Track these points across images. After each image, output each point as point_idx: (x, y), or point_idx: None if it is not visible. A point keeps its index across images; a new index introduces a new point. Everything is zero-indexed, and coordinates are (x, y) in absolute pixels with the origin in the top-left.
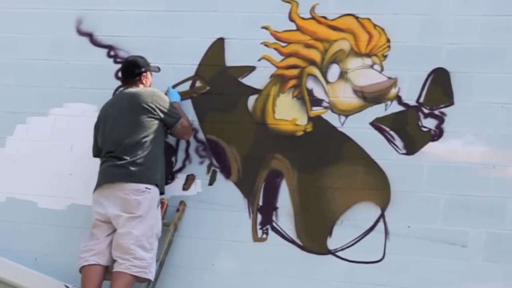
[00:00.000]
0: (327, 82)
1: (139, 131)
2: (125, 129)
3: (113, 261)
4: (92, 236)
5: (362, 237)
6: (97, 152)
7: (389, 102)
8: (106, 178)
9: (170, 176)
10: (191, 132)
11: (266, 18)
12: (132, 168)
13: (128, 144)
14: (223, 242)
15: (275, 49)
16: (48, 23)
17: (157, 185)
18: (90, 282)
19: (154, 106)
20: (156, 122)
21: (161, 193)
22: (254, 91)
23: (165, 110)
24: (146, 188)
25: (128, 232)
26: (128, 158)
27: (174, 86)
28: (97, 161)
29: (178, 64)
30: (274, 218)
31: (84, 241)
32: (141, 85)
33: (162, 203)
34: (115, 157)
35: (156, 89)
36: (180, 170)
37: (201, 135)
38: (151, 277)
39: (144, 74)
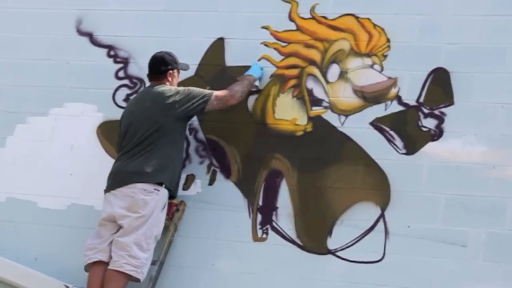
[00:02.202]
0: (327, 82)
1: (157, 132)
2: (143, 129)
3: None
4: (98, 235)
5: (362, 237)
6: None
7: (389, 102)
8: (118, 180)
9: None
10: (231, 98)
11: (266, 18)
12: (143, 168)
13: (143, 144)
14: (223, 242)
15: (275, 49)
16: (48, 23)
17: (166, 187)
18: (95, 279)
19: (176, 105)
20: (179, 123)
21: (173, 197)
22: (254, 91)
23: (189, 103)
24: (155, 189)
25: (130, 230)
26: (141, 158)
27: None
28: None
29: None
30: (274, 218)
31: (90, 239)
32: (167, 83)
33: (172, 204)
34: (128, 156)
35: (180, 87)
36: None
37: (201, 135)
38: (142, 277)
39: (170, 71)
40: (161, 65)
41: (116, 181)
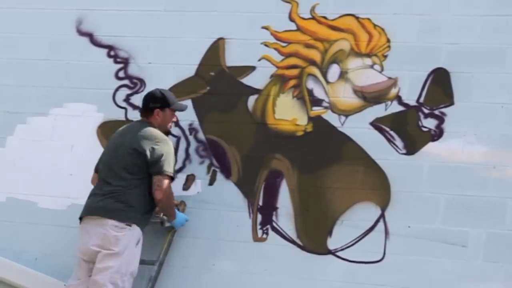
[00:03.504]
0: (327, 82)
1: (129, 170)
2: (117, 164)
3: None
4: (75, 276)
5: (362, 237)
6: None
7: (389, 102)
8: (89, 210)
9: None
10: (165, 196)
11: (266, 18)
12: (115, 205)
13: (116, 181)
14: (223, 242)
15: (275, 49)
16: (48, 23)
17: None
18: None
19: (148, 153)
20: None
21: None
22: (254, 91)
23: (155, 159)
24: (127, 225)
25: (103, 268)
26: (112, 194)
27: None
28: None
29: (178, 64)
30: (274, 218)
31: (70, 279)
32: (154, 122)
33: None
34: (101, 189)
35: (163, 136)
36: (180, 170)
37: (201, 135)
38: None
39: (157, 110)
40: (149, 102)
41: (87, 211)
